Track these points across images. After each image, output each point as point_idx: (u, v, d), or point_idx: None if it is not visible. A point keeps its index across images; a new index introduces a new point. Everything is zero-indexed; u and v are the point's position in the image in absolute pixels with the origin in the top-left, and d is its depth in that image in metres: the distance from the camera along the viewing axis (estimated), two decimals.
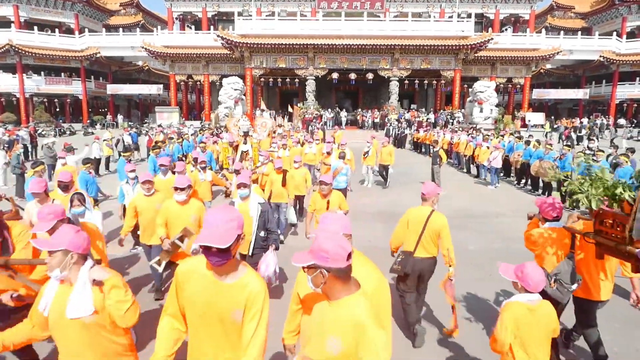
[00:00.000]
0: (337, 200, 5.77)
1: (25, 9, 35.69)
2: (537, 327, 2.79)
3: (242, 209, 4.79)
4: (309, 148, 12.43)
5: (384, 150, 13.07)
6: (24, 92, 34.45)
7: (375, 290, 2.16)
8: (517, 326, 2.79)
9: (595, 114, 36.72)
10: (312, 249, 1.91)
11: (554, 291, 3.54)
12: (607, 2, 37.25)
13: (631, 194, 2.92)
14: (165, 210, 4.87)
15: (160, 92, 40.31)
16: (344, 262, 1.86)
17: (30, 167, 6.96)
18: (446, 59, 30.33)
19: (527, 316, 2.80)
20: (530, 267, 2.91)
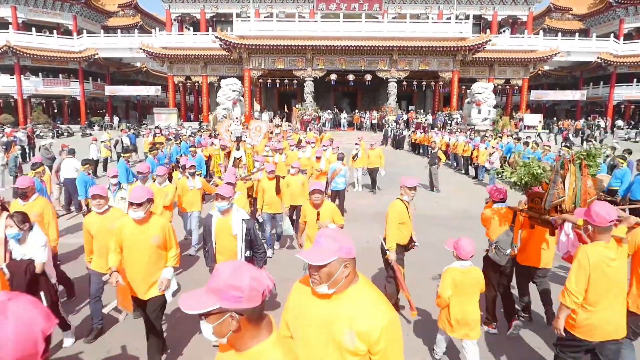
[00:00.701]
0: (328, 213, 5.06)
1: (23, 10, 35.63)
2: (467, 286, 3.64)
3: (223, 225, 4.12)
4: (302, 152, 11.49)
5: (372, 153, 12.34)
6: (21, 93, 34.39)
7: (383, 332, 1.74)
8: (454, 284, 3.62)
9: (592, 115, 36.83)
10: (215, 287, 1.41)
11: (493, 255, 4.46)
12: (604, 4, 37.36)
13: (547, 176, 3.97)
14: (118, 232, 3.79)
15: (158, 94, 40.28)
16: (259, 300, 1.43)
17: (31, 169, 6.96)
18: (444, 60, 30.39)
19: (460, 277, 3.65)
20: (463, 240, 3.70)
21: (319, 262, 1.75)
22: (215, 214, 4.21)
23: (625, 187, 8.57)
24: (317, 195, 4.99)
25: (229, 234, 4.12)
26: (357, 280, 1.87)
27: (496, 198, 4.78)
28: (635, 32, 37.33)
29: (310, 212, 5.12)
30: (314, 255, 1.77)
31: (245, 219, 4.19)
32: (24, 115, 34.13)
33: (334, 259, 1.75)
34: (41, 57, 34.14)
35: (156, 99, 46.81)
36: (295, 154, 11.19)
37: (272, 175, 7.29)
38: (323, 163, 10.05)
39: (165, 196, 6.63)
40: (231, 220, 4.14)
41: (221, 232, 4.14)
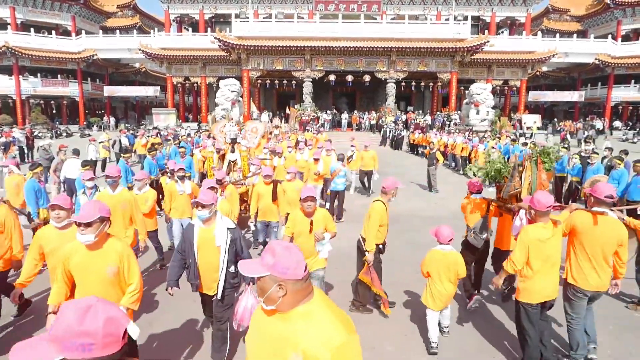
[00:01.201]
0: (322, 221, 4.56)
1: (22, 10, 35.57)
2: (446, 266, 4.27)
3: (205, 236, 3.69)
4: (299, 154, 10.84)
5: (366, 155, 11.80)
6: (20, 94, 34.33)
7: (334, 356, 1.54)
8: (434, 264, 4.31)
9: (590, 116, 36.91)
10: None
11: (472, 239, 5.18)
12: (602, 6, 37.45)
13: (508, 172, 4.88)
14: (66, 260, 3.00)
15: (157, 94, 40.24)
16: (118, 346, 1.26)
17: (29, 169, 6.96)
18: (443, 61, 30.45)
19: (440, 258, 4.30)
20: (442, 227, 4.37)
21: (246, 273, 1.63)
22: (197, 223, 3.74)
23: (622, 188, 8.61)
24: (309, 202, 4.41)
25: (213, 246, 3.67)
26: (310, 299, 1.66)
27: (473, 190, 5.41)
28: (632, 34, 37.42)
29: (301, 221, 4.50)
30: (246, 266, 1.66)
31: (231, 227, 3.75)
32: (22, 116, 34.08)
33: (263, 274, 1.60)
34: (40, 57, 34.09)
35: (155, 100, 46.76)
36: (294, 156, 10.74)
37: (268, 179, 6.74)
38: (321, 165, 9.58)
39: (145, 202, 6.16)
40: (214, 230, 3.69)
41: (204, 245, 3.69)
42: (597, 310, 5.32)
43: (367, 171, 11.94)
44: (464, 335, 4.74)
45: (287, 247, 1.66)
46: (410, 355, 4.34)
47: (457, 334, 4.75)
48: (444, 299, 4.31)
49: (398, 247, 7.80)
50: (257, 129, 10.17)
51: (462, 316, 5.13)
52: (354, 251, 5.53)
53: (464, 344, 4.57)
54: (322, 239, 4.53)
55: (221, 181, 6.33)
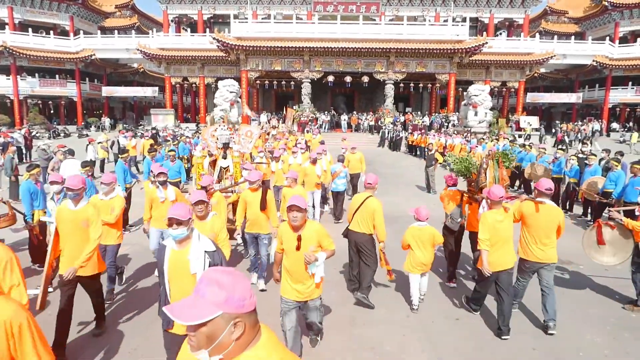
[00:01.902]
0: (314, 237, 3.77)
1: (20, 10, 35.50)
2: (422, 239, 5.18)
3: (178, 260, 3.00)
4: (293, 157, 10.09)
5: (353, 157, 11.05)
6: (18, 94, 34.21)
7: None
8: (413, 237, 5.22)
9: (588, 117, 37.04)
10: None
11: (449, 223, 6.02)
12: (600, 8, 37.58)
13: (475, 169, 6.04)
14: None
15: (155, 95, 40.19)
16: None
17: (26, 170, 6.95)
18: (441, 62, 30.50)
19: (418, 233, 5.21)
20: (421, 207, 5.31)
21: (191, 320, 1.24)
22: (169, 244, 3.08)
23: (619, 190, 8.65)
24: (295, 213, 3.62)
25: (187, 273, 2.97)
26: (257, 341, 1.34)
27: (449, 183, 6.29)
28: (630, 36, 37.56)
29: (288, 237, 3.79)
30: (185, 311, 1.26)
31: (210, 250, 3.05)
32: (20, 116, 33.97)
33: (215, 315, 1.25)
34: (38, 57, 33.99)
35: (153, 100, 46.69)
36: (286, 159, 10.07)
37: (256, 185, 5.81)
38: (319, 169, 8.96)
39: (112, 211, 5.33)
40: (189, 254, 2.99)
41: (176, 270, 3.01)
42: (594, 310, 5.39)
43: (354, 174, 10.96)
44: (457, 330, 4.77)
45: (230, 272, 1.34)
46: (409, 356, 4.37)
47: (451, 327, 4.78)
48: (422, 266, 5.20)
49: (397, 248, 7.82)
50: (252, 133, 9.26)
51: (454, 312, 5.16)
52: None
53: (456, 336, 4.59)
54: (315, 260, 3.67)
55: (207, 188, 5.80)
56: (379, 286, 6.05)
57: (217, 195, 6.23)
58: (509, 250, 4.70)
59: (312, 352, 4.36)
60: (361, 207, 5.28)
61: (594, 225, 5.77)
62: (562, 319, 5.14)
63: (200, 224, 4.26)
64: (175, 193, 6.20)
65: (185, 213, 2.94)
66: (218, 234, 4.29)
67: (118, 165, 9.49)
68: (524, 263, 4.93)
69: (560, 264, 7.05)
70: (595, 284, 6.25)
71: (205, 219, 4.39)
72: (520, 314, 5.24)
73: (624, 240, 5.47)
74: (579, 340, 4.68)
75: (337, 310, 5.29)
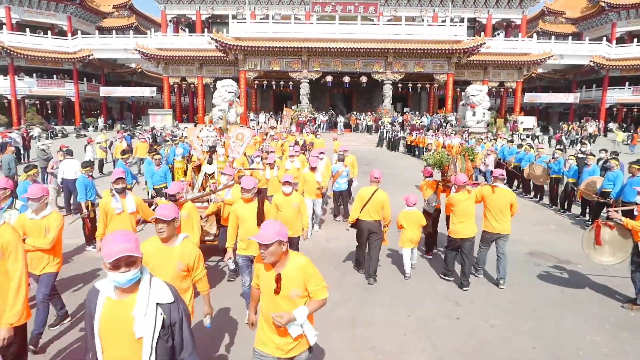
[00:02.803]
0: (297, 277, 2.71)
1: (18, 10, 35.41)
2: (411, 220, 6.31)
3: (116, 315, 2.04)
4: (289, 162, 9.31)
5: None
6: (15, 94, 34.16)
7: None
8: (404, 219, 6.33)
9: (585, 117, 37.18)
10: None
11: (426, 207, 7.15)
12: (597, 8, 37.72)
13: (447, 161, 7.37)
14: None
15: (153, 95, 40.15)
16: None
17: (24, 171, 6.93)
18: (439, 62, 30.57)
19: (408, 215, 6.34)
20: (410, 195, 6.47)
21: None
22: (104, 289, 2.06)
23: (617, 190, 8.69)
24: (267, 249, 2.60)
25: (127, 335, 2.02)
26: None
27: (427, 174, 7.44)
28: (627, 36, 37.70)
29: (263, 275, 2.80)
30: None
31: (165, 302, 2.07)
32: (17, 116, 33.90)
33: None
34: (35, 57, 33.93)
35: (151, 100, 46.65)
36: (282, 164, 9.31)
37: (249, 195, 4.70)
38: (319, 175, 8.23)
39: (46, 233, 4.11)
40: (134, 307, 2.01)
41: (112, 329, 2.05)
42: (593, 310, 5.42)
43: None
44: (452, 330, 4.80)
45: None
46: (409, 356, 4.38)
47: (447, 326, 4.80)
48: (412, 241, 6.30)
49: (395, 246, 7.84)
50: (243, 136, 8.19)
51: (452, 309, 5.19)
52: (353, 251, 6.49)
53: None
54: (292, 320, 2.64)
55: (175, 197, 4.86)
56: (379, 286, 6.07)
57: (189, 206, 5.05)
58: (471, 223, 5.93)
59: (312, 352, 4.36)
60: (371, 199, 6.03)
61: (593, 225, 5.79)
62: (562, 318, 5.17)
63: (163, 251, 3.18)
64: (136, 203, 5.21)
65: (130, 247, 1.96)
66: (191, 267, 3.25)
67: (118, 165, 9.45)
68: (486, 234, 6.11)
69: (559, 264, 7.11)
70: (595, 283, 6.28)
71: (171, 243, 3.21)
72: (519, 314, 5.27)
73: (623, 240, 5.50)
74: (579, 340, 4.70)
75: (338, 310, 5.30)
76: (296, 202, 5.69)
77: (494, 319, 5.13)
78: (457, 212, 5.91)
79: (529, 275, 6.61)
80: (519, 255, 7.47)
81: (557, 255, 7.51)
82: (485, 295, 5.83)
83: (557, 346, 4.56)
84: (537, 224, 9.77)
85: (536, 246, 8.02)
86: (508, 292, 5.94)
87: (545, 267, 6.93)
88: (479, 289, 6.00)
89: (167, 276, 2.98)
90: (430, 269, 6.82)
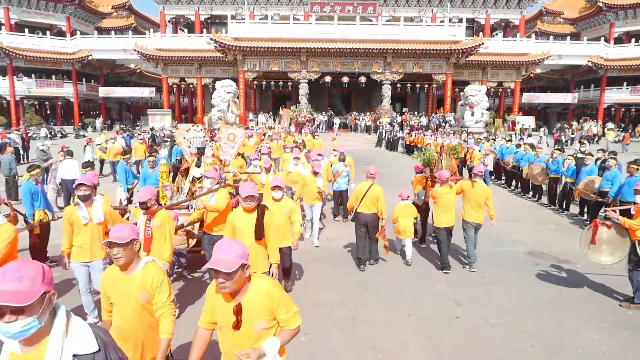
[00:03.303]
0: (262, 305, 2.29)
1: (16, 11, 35.37)
2: (405, 212, 6.96)
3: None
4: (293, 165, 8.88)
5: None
6: (14, 94, 34.12)
7: None
8: (400, 212, 6.96)
9: (583, 117, 37.28)
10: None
11: (416, 200, 7.72)
12: (595, 8, 37.81)
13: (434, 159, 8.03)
14: None
15: (152, 95, 40.15)
16: None
17: (27, 171, 6.95)
18: (438, 63, 30.61)
19: (402, 208, 6.99)
20: (403, 191, 7.18)
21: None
22: (8, 342, 1.58)
23: (615, 189, 8.74)
24: (221, 279, 2.17)
25: None
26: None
27: (417, 171, 8.24)
28: (625, 36, 37.81)
29: (221, 307, 2.35)
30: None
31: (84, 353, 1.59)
32: (16, 117, 33.87)
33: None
34: (34, 58, 33.91)
35: (150, 101, 46.63)
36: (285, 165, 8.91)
37: (250, 204, 4.13)
38: (320, 181, 7.86)
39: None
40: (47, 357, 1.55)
41: None
42: (592, 308, 5.46)
43: None
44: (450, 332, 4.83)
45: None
46: (409, 355, 4.41)
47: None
48: (405, 232, 6.88)
49: (394, 237, 7.88)
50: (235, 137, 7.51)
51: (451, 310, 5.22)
52: (354, 251, 6.75)
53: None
54: (262, 355, 2.24)
55: (146, 204, 4.36)
56: (379, 286, 6.10)
57: (162, 214, 4.50)
58: (452, 214, 6.71)
59: (312, 351, 4.40)
60: (367, 193, 6.59)
61: (591, 225, 5.82)
62: (561, 318, 5.21)
63: (124, 281, 2.67)
64: (105, 212, 4.56)
65: (28, 289, 1.45)
66: (155, 298, 2.67)
67: (119, 166, 9.46)
68: (466, 223, 6.85)
69: (558, 263, 7.15)
70: (593, 283, 6.31)
71: (131, 270, 2.67)
72: (518, 313, 5.30)
73: (620, 239, 5.53)
74: (578, 338, 4.74)
75: (338, 309, 5.33)
76: (287, 208, 5.28)
77: (494, 318, 5.16)
78: (440, 203, 6.66)
79: (528, 274, 6.65)
80: (518, 255, 7.51)
81: (556, 254, 7.55)
82: (484, 295, 5.87)
83: (556, 345, 4.59)
84: (536, 224, 9.81)
85: (535, 246, 8.07)
86: (507, 291, 5.98)
87: (544, 267, 6.97)
88: (478, 289, 6.03)
89: (131, 311, 2.61)
90: (429, 268, 6.85)
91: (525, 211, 11.21)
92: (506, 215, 10.51)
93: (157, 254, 4.21)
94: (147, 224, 4.41)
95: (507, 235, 8.76)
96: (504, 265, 7.02)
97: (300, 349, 4.38)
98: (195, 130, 7.16)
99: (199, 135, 7.10)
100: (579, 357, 4.39)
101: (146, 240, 4.40)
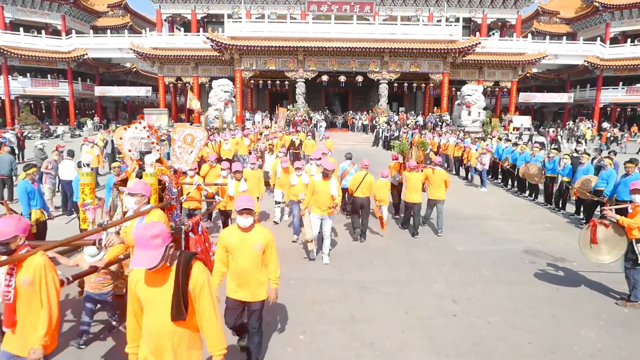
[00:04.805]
0: None
1: (11, 9, 35.14)
2: (383, 186, 8.31)
3: None
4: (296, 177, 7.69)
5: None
6: (9, 94, 33.88)
7: None
8: (379, 186, 8.16)
9: (579, 117, 37.46)
10: None
11: (392, 180, 9.34)
12: (591, 8, 37.98)
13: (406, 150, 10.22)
14: None
15: (148, 94, 40.01)
16: None
17: (23, 170, 6.92)
18: (435, 62, 30.67)
19: (380, 183, 8.27)
20: (384, 171, 8.68)
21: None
22: None
23: (611, 188, 8.79)
24: None
25: None
26: None
27: (394, 158, 9.84)
28: (621, 36, 38.01)
29: None
30: None
31: None
32: (11, 116, 33.67)
33: None
34: (29, 57, 33.71)
35: (146, 100, 46.48)
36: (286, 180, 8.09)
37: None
38: (334, 187, 6.64)
39: None
40: None
41: None
42: (588, 306, 5.50)
43: None
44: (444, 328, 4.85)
45: None
46: (408, 352, 4.43)
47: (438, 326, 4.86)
48: (383, 201, 8.13)
49: (394, 246, 7.91)
50: (194, 139, 5.70)
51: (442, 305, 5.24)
52: (353, 249, 7.28)
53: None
54: None
55: (8, 245, 2.73)
56: (377, 284, 6.12)
57: (36, 264, 2.76)
58: (419, 194, 8.42)
59: (312, 348, 4.41)
60: (363, 181, 7.83)
61: (589, 224, 5.84)
62: (557, 315, 5.24)
63: None
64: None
65: None
66: None
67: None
68: (429, 201, 8.73)
69: (554, 261, 7.19)
70: (589, 281, 6.36)
71: None
72: (515, 311, 5.33)
73: (617, 237, 5.56)
74: (574, 335, 4.77)
75: (337, 307, 5.35)
76: (259, 242, 3.52)
77: (491, 315, 5.19)
78: (408, 185, 8.48)
79: (524, 273, 6.68)
80: (515, 253, 7.55)
81: (552, 253, 7.60)
82: (481, 292, 5.89)
83: (552, 342, 4.63)
84: (532, 223, 9.86)
85: (531, 244, 8.11)
86: (504, 289, 6.01)
87: (541, 265, 7.00)
88: (475, 288, 6.06)
89: None
90: (428, 268, 6.87)
91: (521, 210, 11.26)
92: (503, 214, 10.56)
93: (24, 334, 2.72)
94: (8, 280, 2.65)
95: (503, 234, 8.80)
96: (500, 263, 7.05)
97: (299, 347, 4.40)
98: (136, 128, 5.06)
99: (141, 135, 5.03)
100: (575, 354, 4.42)
101: (6, 309, 2.71)
